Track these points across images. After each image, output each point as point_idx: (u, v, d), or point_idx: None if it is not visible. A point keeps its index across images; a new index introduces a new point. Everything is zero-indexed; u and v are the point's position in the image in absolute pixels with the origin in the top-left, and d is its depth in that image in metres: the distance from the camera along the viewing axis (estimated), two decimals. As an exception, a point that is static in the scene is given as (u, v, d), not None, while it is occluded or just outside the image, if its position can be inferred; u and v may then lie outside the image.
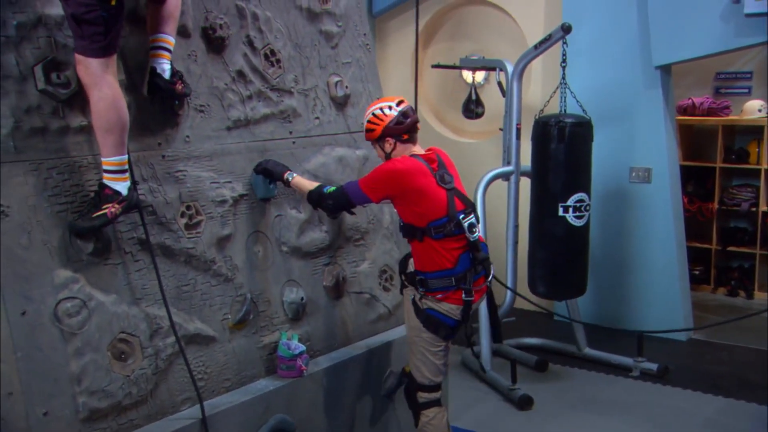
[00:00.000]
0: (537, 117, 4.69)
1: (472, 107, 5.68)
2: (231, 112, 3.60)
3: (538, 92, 5.80)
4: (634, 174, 5.45)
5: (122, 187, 2.94)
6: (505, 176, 5.01)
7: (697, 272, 6.80)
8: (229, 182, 3.57)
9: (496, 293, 5.16)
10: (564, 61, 4.60)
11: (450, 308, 3.48)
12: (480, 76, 5.96)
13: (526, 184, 4.96)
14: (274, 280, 3.77)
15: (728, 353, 5.58)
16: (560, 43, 4.53)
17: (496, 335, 4.11)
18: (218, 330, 3.44)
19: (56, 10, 2.88)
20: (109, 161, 2.90)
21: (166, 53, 3.15)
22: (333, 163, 4.12)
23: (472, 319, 3.63)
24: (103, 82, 2.80)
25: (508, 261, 5.14)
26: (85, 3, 2.70)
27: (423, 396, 3.66)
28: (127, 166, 2.95)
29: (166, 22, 3.11)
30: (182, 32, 3.37)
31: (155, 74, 3.12)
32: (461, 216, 3.44)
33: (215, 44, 3.54)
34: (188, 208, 3.35)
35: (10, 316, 2.71)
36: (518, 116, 4.91)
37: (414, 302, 3.57)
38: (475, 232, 3.49)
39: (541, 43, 4.59)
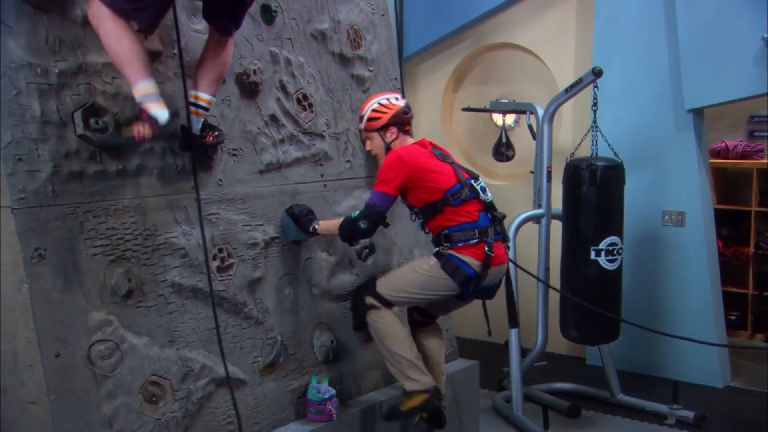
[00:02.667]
0: (568, 160, 4.68)
1: (503, 150, 5.69)
2: (263, 156, 3.66)
3: (569, 135, 5.80)
4: (667, 217, 5.39)
5: (159, 112, 2.89)
6: (536, 219, 4.99)
7: (733, 318, 6.67)
8: (261, 225, 3.61)
9: (526, 337, 5.10)
10: (595, 104, 4.61)
11: (471, 261, 3.51)
12: (510, 119, 5.98)
13: (557, 227, 4.94)
14: (305, 323, 3.78)
15: (767, 402, 5.45)
16: (591, 86, 4.54)
17: (513, 320, 4.07)
18: (248, 373, 3.44)
19: (96, 57, 2.96)
20: (137, 90, 2.86)
21: (203, 112, 3.20)
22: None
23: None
24: (107, 21, 2.78)
25: (539, 305, 5.10)
26: None
27: (371, 301, 3.62)
28: (154, 91, 2.89)
29: (211, 83, 3.17)
30: (217, 78, 3.44)
31: (186, 131, 3.18)
32: (471, 181, 3.61)
33: (249, 89, 3.61)
34: (220, 250, 3.38)
35: (45, 358, 2.75)
36: (549, 159, 4.91)
37: (438, 251, 3.58)
38: (489, 194, 3.65)
39: (572, 86, 4.60)
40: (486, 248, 3.51)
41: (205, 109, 3.19)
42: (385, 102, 3.75)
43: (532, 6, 5.88)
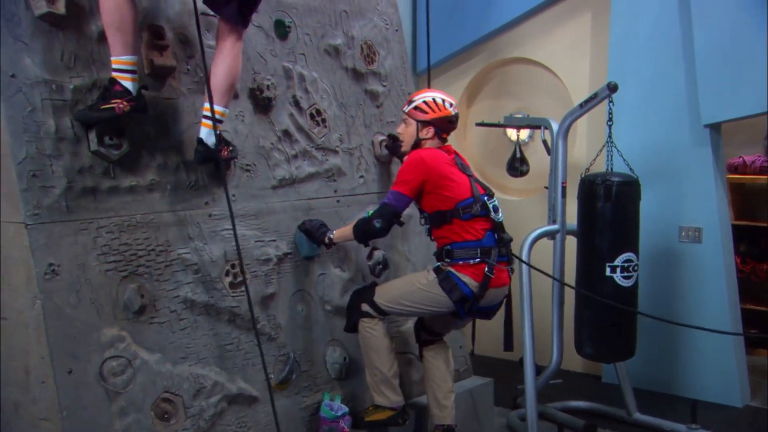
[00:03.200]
0: (583, 175, 4.66)
1: (517, 165, 5.67)
2: (276, 171, 3.67)
3: (584, 150, 5.78)
4: (683, 233, 5.36)
5: (132, 86, 2.94)
6: (550, 235, 4.96)
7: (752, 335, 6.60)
8: (274, 241, 3.62)
9: (541, 354, 5.07)
10: (610, 119, 4.59)
11: (469, 281, 3.50)
12: (525, 134, 5.97)
13: (571, 243, 4.91)
14: (318, 340, 3.78)
15: (787, 421, 5.38)
16: (606, 101, 4.53)
17: (508, 343, 4.01)
18: (261, 390, 3.43)
19: (109, 73, 2.98)
20: (118, 60, 2.91)
21: (218, 125, 3.22)
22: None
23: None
24: None
25: (554, 321, 5.07)
26: None
27: (366, 308, 3.63)
28: (135, 67, 2.95)
29: (223, 94, 3.18)
30: (230, 93, 3.46)
31: (201, 143, 3.19)
32: (485, 198, 3.59)
33: (262, 104, 3.63)
34: (233, 266, 3.39)
35: (57, 374, 2.76)
36: (564, 174, 4.88)
37: (438, 267, 3.58)
38: (500, 214, 3.63)
39: (587, 101, 4.58)
40: (486, 269, 3.50)
41: (219, 121, 3.21)
42: (439, 101, 3.68)
43: (547, 21, 5.88)
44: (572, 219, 4.87)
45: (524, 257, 4.63)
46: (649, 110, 5.40)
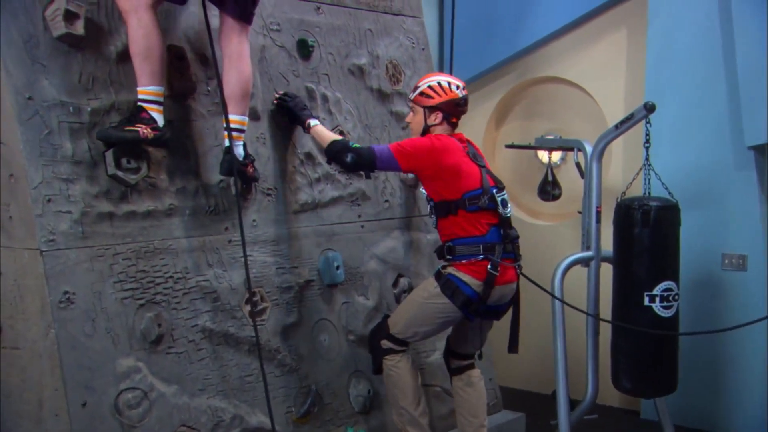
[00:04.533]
0: (619, 200, 4.61)
1: (549, 189, 5.63)
2: (299, 196, 3.67)
3: (619, 173, 5.73)
4: (726, 261, 5.27)
5: (158, 117, 2.98)
6: (584, 262, 4.91)
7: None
8: (296, 268, 3.61)
9: (576, 387, 5.00)
10: (647, 141, 4.54)
11: (471, 280, 3.45)
12: (557, 156, 5.93)
13: (607, 270, 4.85)
14: (341, 371, 3.75)
15: (838, 460, 5.24)
16: (643, 122, 4.49)
17: (513, 345, 3.91)
18: (281, 423, 3.42)
19: (128, 95, 3.02)
20: (145, 90, 2.96)
21: (240, 134, 3.24)
22: (403, 248, 4.13)
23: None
24: (142, 10, 2.88)
25: (589, 353, 5.00)
26: None
27: (387, 344, 3.59)
28: (162, 99, 3.00)
29: (235, 102, 3.21)
30: (252, 115, 3.48)
31: (229, 152, 3.20)
32: (494, 190, 3.52)
33: (284, 127, 3.64)
34: (253, 294, 3.39)
35: (71, 407, 2.76)
36: (598, 199, 4.83)
37: (438, 271, 3.55)
38: (508, 209, 3.57)
39: (623, 122, 4.54)
40: (489, 267, 3.44)
41: (240, 131, 3.22)
42: (445, 84, 3.60)
43: (580, 38, 5.86)
44: (607, 245, 4.82)
45: (557, 285, 4.58)
46: (688, 131, 5.34)
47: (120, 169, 2.97)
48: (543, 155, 5.95)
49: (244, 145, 3.29)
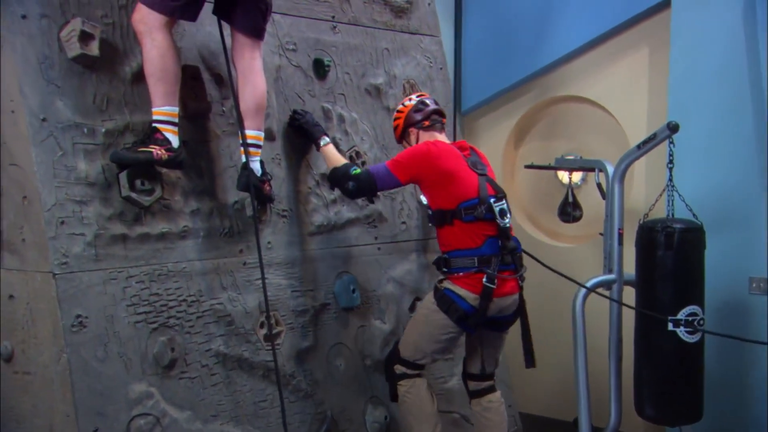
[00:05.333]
0: (641, 221, 4.58)
1: (569, 210, 5.60)
2: (314, 217, 3.68)
3: (642, 195, 5.69)
4: (754, 285, 5.21)
5: (173, 138, 3.00)
6: (606, 285, 4.88)
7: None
8: (311, 291, 3.62)
9: (598, 414, 4.95)
10: (671, 161, 4.52)
11: (467, 294, 3.42)
12: (577, 176, 5.91)
13: (629, 294, 4.82)
14: (357, 397, 3.74)
15: None
16: (666, 142, 4.47)
17: (529, 359, 3.86)
18: (296, 451, 3.40)
19: (143, 116, 3.04)
20: (160, 111, 2.98)
21: (256, 150, 3.26)
22: (420, 270, 4.13)
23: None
24: (157, 32, 2.91)
25: (611, 379, 4.95)
26: None
27: (401, 369, 3.57)
28: (177, 119, 3.02)
29: (250, 117, 3.23)
30: (267, 135, 3.51)
31: (246, 168, 3.21)
32: (492, 200, 3.48)
33: (299, 147, 3.66)
34: (268, 317, 3.39)
35: (82, 433, 2.76)
36: (620, 220, 4.81)
37: (435, 286, 3.54)
38: (506, 219, 3.52)
39: (645, 142, 4.52)
40: (485, 279, 3.41)
41: (256, 146, 3.24)
42: (400, 107, 3.73)
43: (601, 56, 5.86)
44: (630, 268, 4.79)
45: (578, 309, 4.56)
46: (713, 151, 5.31)
47: (134, 191, 2.99)
48: (563, 176, 5.94)
49: (262, 162, 3.31)
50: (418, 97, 3.72)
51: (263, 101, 3.27)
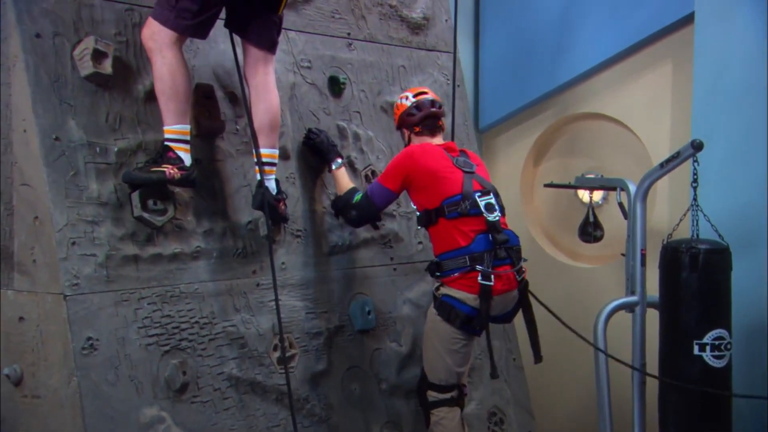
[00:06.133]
0: (665, 242, 4.56)
1: (590, 230, 5.58)
2: (329, 237, 3.69)
3: (665, 214, 5.66)
4: (782, 307, 5.18)
5: (185, 157, 3.01)
6: (628, 307, 4.84)
7: None
8: (325, 312, 3.62)
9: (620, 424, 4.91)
10: (695, 180, 4.50)
11: (465, 296, 3.39)
12: (598, 195, 5.89)
13: (653, 316, 4.79)
14: (373, 422, 3.73)
15: None
16: (690, 160, 4.45)
17: (537, 354, 3.80)
18: (310, 478, 3.39)
19: (156, 135, 3.07)
20: (171, 129, 2.99)
21: (271, 168, 3.28)
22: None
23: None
24: (167, 49, 2.93)
25: (635, 405, 4.91)
26: None
27: (433, 395, 3.54)
28: (189, 137, 3.03)
29: (265, 134, 3.25)
30: (281, 154, 3.52)
31: (261, 185, 3.22)
32: (477, 194, 3.46)
33: (314, 166, 3.67)
34: (281, 340, 3.39)
35: (92, 459, 2.77)
36: (643, 241, 4.78)
37: (433, 294, 3.53)
38: (495, 212, 3.48)
39: (668, 161, 4.50)
40: (480, 278, 3.38)
41: (271, 164, 3.25)
42: (398, 102, 3.76)
43: (622, 73, 5.85)
44: (653, 290, 4.76)
45: (599, 332, 4.53)
46: (739, 170, 5.28)
47: (146, 211, 3.01)
48: (584, 195, 5.92)
49: (277, 181, 3.32)
50: (415, 97, 3.69)
51: (277, 118, 3.29)
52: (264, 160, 3.24)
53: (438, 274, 3.48)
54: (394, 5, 4.18)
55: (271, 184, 3.27)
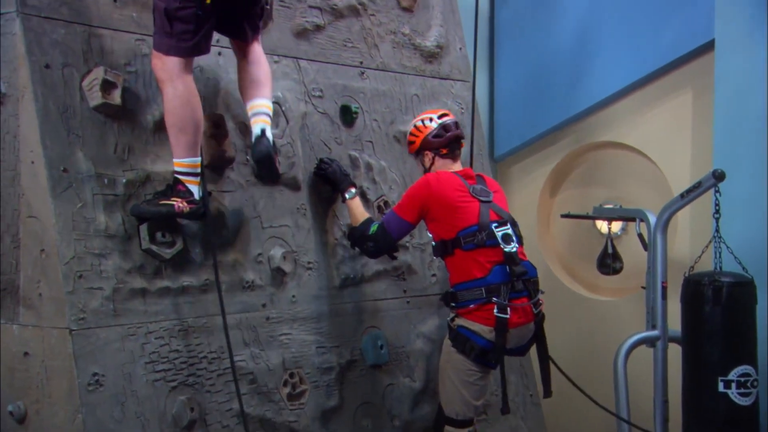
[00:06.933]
0: (687, 275, 4.53)
1: (608, 262, 5.56)
2: (341, 269, 3.69)
3: (687, 246, 5.63)
4: (810, 343, 5.12)
5: (195, 189, 3.02)
6: (649, 342, 4.81)
7: None
8: (337, 347, 3.61)
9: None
10: (717, 211, 4.48)
11: (481, 329, 3.38)
12: (617, 226, 5.88)
13: (675, 352, 4.75)
14: (385, 461, 3.70)
15: None
16: (712, 191, 4.44)
17: (547, 389, 3.77)
18: None
19: (164, 166, 3.08)
20: (181, 162, 3.00)
21: (267, 118, 3.25)
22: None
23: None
24: (178, 80, 2.94)
25: (658, 444, 4.86)
26: None
27: (450, 430, 3.52)
28: (199, 170, 3.04)
29: (260, 86, 3.25)
30: (292, 185, 3.54)
31: (264, 135, 3.18)
32: (494, 225, 3.46)
33: (325, 197, 3.68)
34: (291, 375, 3.39)
35: (97, 500, 2.75)
36: (664, 273, 4.76)
37: (448, 324, 3.51)
38: (512, 243, 3.47)
39: (689, 191, 4.50)
40: (496, 310, 3.37)
41: (269, 116, 3.24)
42: (419, 124, 3.71)
43: (641, 101, 5.86)
44: (675, 324, 4.72)
45: (620, 368, 4.50)
46: (762, 200, 5.26)
47: (154, 244, 3.02)
48: (602, 225, 5.90)
49: (271, 132, 3.28)
50: (439, 118, 3.69)
51: (269, 73, 3.29)
52: (264, 111, 3.22)
53: (453, 304, 3.48)
54: (408, 34, 4.21)
55: (269, 135, 3.23)
